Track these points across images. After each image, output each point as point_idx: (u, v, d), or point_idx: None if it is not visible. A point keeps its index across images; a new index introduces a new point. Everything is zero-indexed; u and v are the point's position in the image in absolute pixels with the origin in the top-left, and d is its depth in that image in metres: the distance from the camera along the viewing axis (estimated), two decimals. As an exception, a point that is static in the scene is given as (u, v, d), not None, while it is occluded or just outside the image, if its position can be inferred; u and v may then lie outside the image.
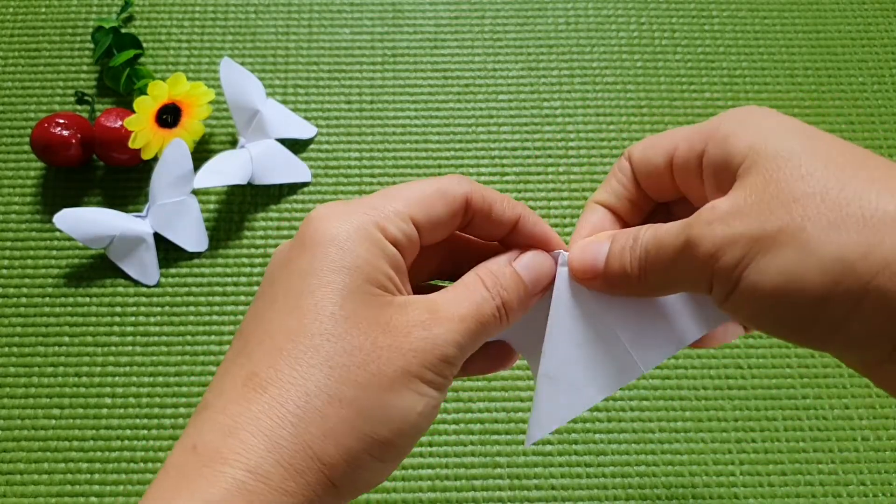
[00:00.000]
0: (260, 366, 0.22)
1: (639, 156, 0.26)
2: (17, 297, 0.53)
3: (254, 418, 0.21)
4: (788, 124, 0.22)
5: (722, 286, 0.21)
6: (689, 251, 0.21)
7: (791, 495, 0.48)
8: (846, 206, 0.19)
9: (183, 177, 0.53)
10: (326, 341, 0.22)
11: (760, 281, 0.20)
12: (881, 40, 0.62)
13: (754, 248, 0.20)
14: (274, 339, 0.22)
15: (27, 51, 0.61)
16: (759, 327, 0.21)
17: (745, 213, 0.20)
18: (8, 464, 0.49)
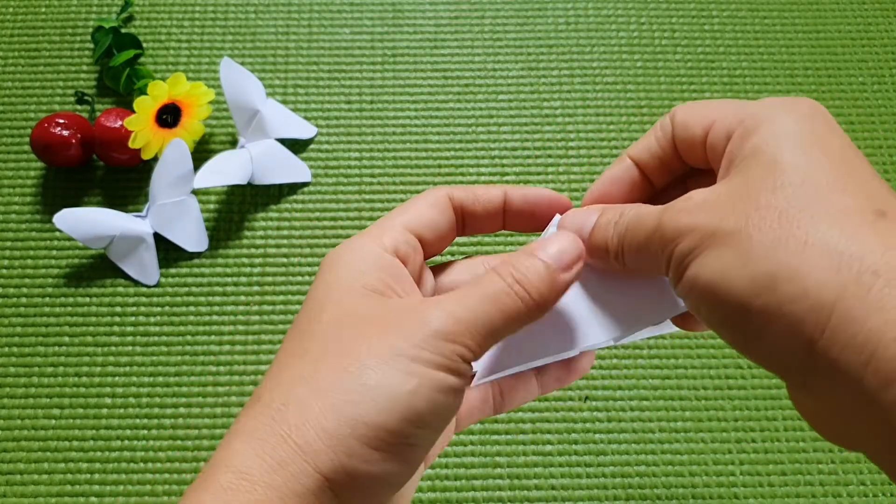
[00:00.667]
0: (262, 388, 0.23)
1: (680, 118, 0.26)
2: (17, 297, 0.53)
3: (242, 425, 0.22)
4: (807, 130, 0.22)
5: (673, 272, 0.22)
6: (658, 233, 0.22)
7: (791, 495, 0.48)
8: (797, 227, 0.19)
9: (183, 177, 0.53)
10: (314, 344, 0.22)
11: (699, 274, 0.20)
12: (881, 40, 0.62)
13: (705, 242, 0.20)
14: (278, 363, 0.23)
15: (27, 51, 0.61)
16: (700, 318, 0.22)
17: (711, 207, 0.21)
18: (8, 464, 0.49)
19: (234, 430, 0.22)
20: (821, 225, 0.19)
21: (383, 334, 0.22)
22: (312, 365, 0.22)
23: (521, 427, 0.50)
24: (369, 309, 0.23)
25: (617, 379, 0.51)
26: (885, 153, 0.58)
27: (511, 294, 0.23)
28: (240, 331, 0.52)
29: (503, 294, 0.23)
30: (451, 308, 0.22)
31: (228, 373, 0.51)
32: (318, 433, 0.21)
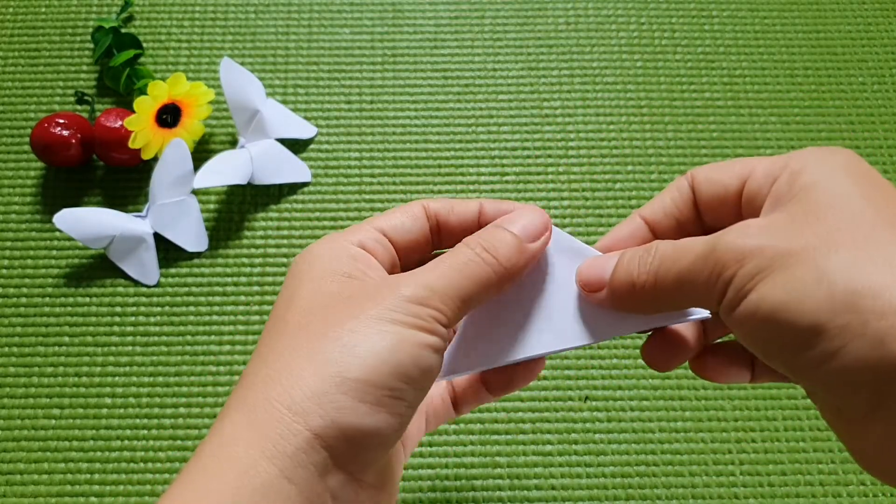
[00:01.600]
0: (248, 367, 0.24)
1: (705, 177, 0.26)
2: (16, 297, 0.53)
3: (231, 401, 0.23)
4: (858, 169, 0.22)
5: (732, 297, 0.21)
6: (713, 257, 0.21)
7: (791, 495, 0.48)
8: (874, 246, 0.19)
9: (183, 177, 0.53)
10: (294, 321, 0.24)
11: (767, 296, 0.20)
12: (881, 40, 0.62)
13: (774, 263, 0.20)
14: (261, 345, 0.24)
15: (27, 51, 0.61)
16: (754, 346, 0.21)
17: (776, 230, 0.21)
18: (8, 464, 0.49)
19: (225, 407, 0.23)
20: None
21: (360, 305, 0.23)
22: (294, 338, 0.23)
23: (521, 427, 0.50)
24: (344, 288, 0.24)
25: (617, 379, 0.51)
26: (885, 153, 0.58)
27: (480, 262, 0.24)
28: (240, 331, 0.52)
29: (472, 263, 0.24)
30: (421, 278, 0.23)
31: (228, 373, 0.51)
32: (306, 393, 0.21)
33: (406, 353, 0.22)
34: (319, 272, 0.24)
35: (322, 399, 0.21)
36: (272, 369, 0.22)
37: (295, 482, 0.20)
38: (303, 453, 0.21)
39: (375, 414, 0.21)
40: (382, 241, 0.26)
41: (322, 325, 0.23)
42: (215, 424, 0.22)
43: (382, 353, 0.22)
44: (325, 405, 0.21)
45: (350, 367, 0.21)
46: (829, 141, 0.58)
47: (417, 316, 0.23)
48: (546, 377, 0.51)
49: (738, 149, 0.58)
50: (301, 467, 0.21)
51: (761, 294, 0.20)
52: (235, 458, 0.20)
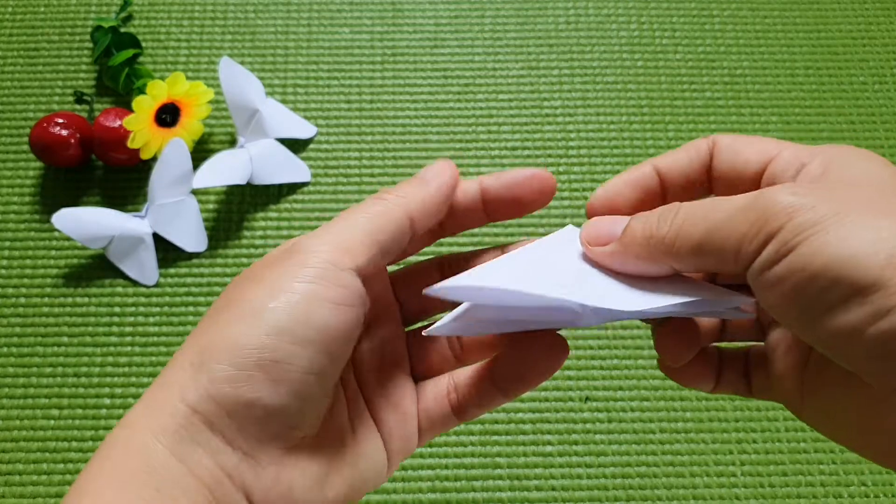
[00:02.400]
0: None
1: (728, 146, 0.25)
2: (15, 298, 0.53)
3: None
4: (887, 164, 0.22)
5: (776, 250, 0.20)
6: (757, 208, 0.20)
7: (792, 496, 0.48)
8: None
9: (182, 177, 0.53)
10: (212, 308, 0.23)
11: (822, 249, 0.19)
12: (882, 40, 0.62)
13: (827, 219, 0.19)
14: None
15: (26, 50, 0.60)
16: (791, 305, 0.20)
17: (823, 193, 0.20)
18: (7, 464, 0.48)
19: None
20: None
21: (266, 278, 0.22)
22: (203, 318, 0.22)
23: (521, 428, 0.50)
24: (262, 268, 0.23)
25: (618, 379, 0.51)
26: (885, 153, 0.58)
27: (390, 201, 0.24)
28: (239, 331, 0.52)
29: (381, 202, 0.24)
30: (319, 232, 0.22)
31: (228, 373, 0.51)
32: (184, 368, 0.20)
33: (298, 310, 0.20)
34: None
35: (196, 371, 0.20)
36: (178, 354, 0.22)
37: (184, 461, 0.19)
38: (185, 430, 0.20)
39: (252, 382, 0.20)
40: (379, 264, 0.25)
41: (227, 298, 0.22)
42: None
43: (268, 313, 0.20)
44: (199, 377, 0.20)
45: (223, 334, 0.20)
46: (829, 141, 0.58)
47: (319, 269, 0.21)
48: (546, 377, 0.51)
49: (739, 148, 0.58)
50: (187, 445, 0.20)
51: (813, 248, 0.19)
52: (128, 441, 0.20)
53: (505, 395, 0.26)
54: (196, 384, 0.20)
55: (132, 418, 0.20)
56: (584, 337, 0.52)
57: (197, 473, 0.20)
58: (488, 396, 0.26)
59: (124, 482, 0.19)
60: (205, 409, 0.20)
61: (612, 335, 0.52)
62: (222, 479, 0.20)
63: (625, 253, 0.24)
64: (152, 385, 0.21)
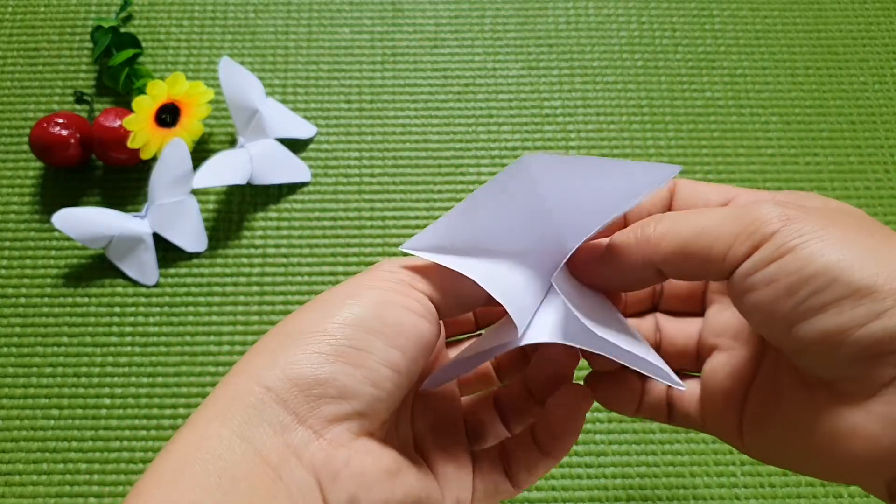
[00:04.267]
0: None
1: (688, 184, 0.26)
2: (15, 298, 0.53)
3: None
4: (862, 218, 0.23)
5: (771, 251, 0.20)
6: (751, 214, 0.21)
7: (792, 496, 0.48)
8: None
9: (182, 177, 0.53)
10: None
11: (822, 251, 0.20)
12: (882, 39, 0.62)
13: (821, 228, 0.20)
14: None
15: (26, 50, 0.60)
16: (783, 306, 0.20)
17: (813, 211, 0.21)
18: (7, 464, 0.48)
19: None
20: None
21: (337, 287, 0.23)
22: (281, 324, 0.23)
23: (521, 428, 0.50)
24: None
25: (617, 379, 0.51)
26: (885, 153, 0.58)
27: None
28: (239, 331, 0.52)
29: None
30: (403, 259, 0.24)
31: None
32: (262, 357, 0.21)
33: (373, 307, 0.22)
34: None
35: (280, 357, 0.21)
36: (246, 356, 0.22)
37: (249, 440, 0.20)
38: (254, 409, 0.20)
39: (331, 363, 0.21)
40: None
41: (300, 309, 0.23)
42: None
43: (345, 308, 0.22)
44: (281, 361, 0.21)
45: (311, 325, 0.21)
46: (830, 140, 0.58)
47: (393, 280, 0.23)
48: (546, 378, 0.51)
49: (739, 148, 0.58)
50: (254, 425, 0.20)
51: (810, 252, 0.20)
52: (194, 427, 0.20)
53: (547, 456, 0.27)
54: (273, 366, 0.21)
55: (199, 412, 0.21)
56: (584, 337, 0.52)
57: (262, 453, 0.20)
58: (534, 459, 0.27)
59: (183, 472, 0.19)
60: (280, 388, 0.20)
61: (612, 335, 0.52)
62: (289, 457, 0.20)
63: (612, 256, 0.24)
64: (221, 383, 0.22)
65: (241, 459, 0.19)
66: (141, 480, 0.20)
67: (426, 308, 0.23)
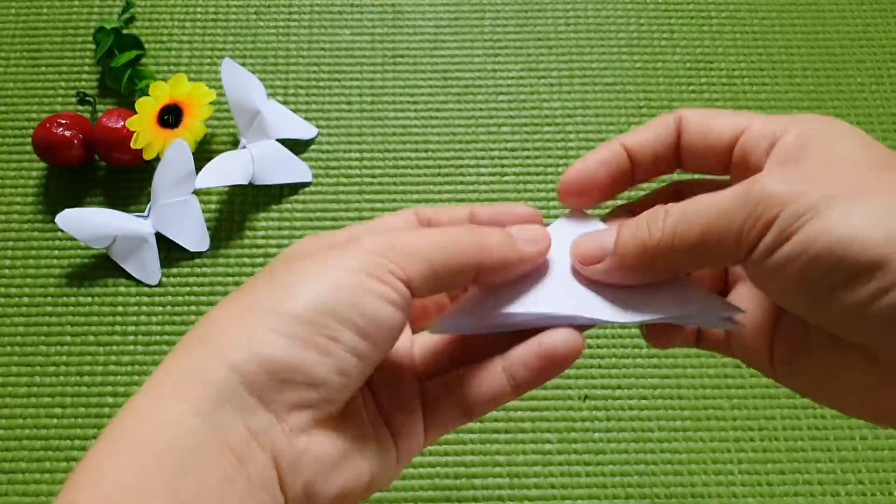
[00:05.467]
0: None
1: (698, 121, 0.25)
2: (19, 297, 0.53)
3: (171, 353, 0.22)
4: (872, 143, 0.23)
5: (775, 236, 0.20)
6: (751, 199, 0.21)
7: (790, 494, 0.48)
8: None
9: (184, 177, 0.54)
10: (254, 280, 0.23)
11: (823, 232, 0.19)
12: (880, 41, 0.62)
13: (823, 203, 0.20)
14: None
15: (29, 51, 0.61)
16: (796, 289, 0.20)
17: (813, 177, 0.21)
18: (10, 462, 0.49)
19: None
20: None
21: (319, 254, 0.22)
22: (241, 291, 0.22)
23: (520, 426, 0.50)
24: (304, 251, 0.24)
25: (616, 378, 0.51)
26: (883, 154, 0.59)
27: (465, 240, 0.23)
28: (241, 330, 0.53)
29: (452, 235, 0.23)
30: (390, 235, 0.23)
31: (229, 372, 0.51)
32: (228, 331, 0.21)
33: (346, 294, 0.21)
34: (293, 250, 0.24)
35: (249, 335, 0.20)
36: (210, 321, 0.22)
37: (211, 422, 0.19)
38: (217, 390, 0.19)
39: (302, 350, 0.20)
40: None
41: (272, 272, 0.22)
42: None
43: (319, 291, 0.21)
44: (250, 340, 0.20)
45: (277, 302, 0.21)
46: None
47: (371, 264, 0.22)
48: (545, 376, 0.51)
49: (737, 149, 0.58)
50: (215, 404, 0.19)
51: (813, 232, 0.19)
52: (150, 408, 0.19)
53: (514, 389, 0.25)
54: (240, 345, 0.20)
55: (156, 381, 0.20)
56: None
57: (223, 438, 0.19)
58: (498, 390, 0.25)
59: (141, 450, 0.19)
60: (247, 369, 0.20)
61: (611, 334, 0.52)
62: (250, 441, 0.20)
63: (621, 268, 0.24)
64: (179, 350, 0.21)
65: (202, 441, 0.19)
66: (95, 448, 0.19)
67: (402, 297, 0.22)
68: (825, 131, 0.23)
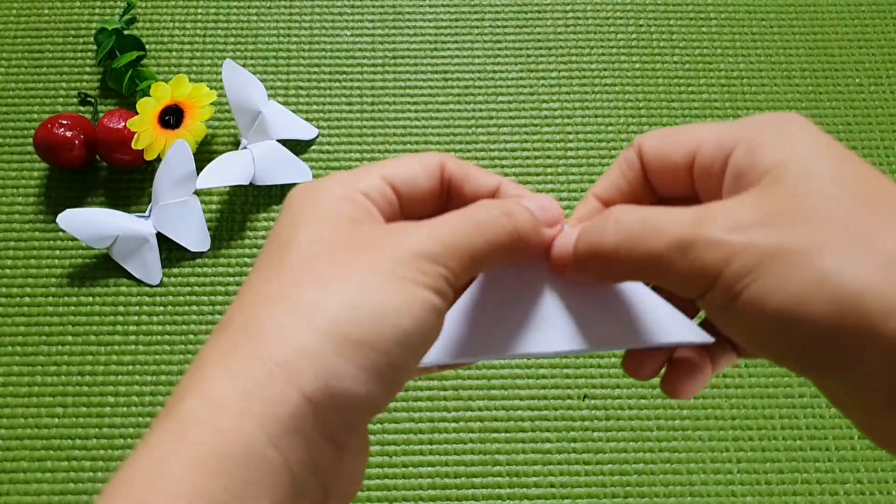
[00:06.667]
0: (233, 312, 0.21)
1: (653, 149, 0.24)
2: (20, 297, 0.53)
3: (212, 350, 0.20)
4: (823, 142, 0.21)
5: (723, 295, 0.20)
6: (692, 251, 0.20)
7: (788, 493, 0.49)
8: (870, 240, 0.19)
9: (185, 177, 0.54)
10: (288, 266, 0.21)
11: (767, 298, 0.19)
12: (878, 42, 0.63)
13: (767, 261, 0.19)
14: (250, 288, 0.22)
15: (30, 52, 0.61)
16: (758, 348, 0.20)
17: (763, 224, 0.19)
18: (11, 462, 0.49)
19: (204, 356, 0.20)
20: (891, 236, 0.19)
21: (361, 255, 0.21)
22: (289, 286, 0.20)
23: (520, 425, 0.50)
24: (343, 232, 0.21)
25: (615, 378, 0.51)
26: (881, 154, 0.59)
27: (495, 222, 0.22)
28: (241, 330, 0.53)
29: (489, 222, 0.22)
30: (432, 229, 0.21)
31: (230, 372, 0.52)
32: (300, 353, 0.19)
33: (412, 316, 0.20)
34: (322, 215, 0.22)
35: (319, 361, 0.19)
36: (262, 320, 0.20)
37: (281, 450, 0.19)
38: (292, 419, 0.19)
39: (372, 383, 0.19)
40: (388, 195, 0.23)
41: (322, 274, 0.20)
42: (191, 381, 0.20)
43: (389, 315, 0.20)
44: (321, 367, 0.19)
45: (352, 329, 0.19)
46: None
47: (426, 273, 0.20)
48: (545, 376, 0.51)
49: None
50: (289, 434, 0.19)
51: (758, 296, 0.19)
52: (218, 420, 0.18)
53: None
54: (316, 373, 0.19)
55: (219, 394, 0.19)
56: (582, 336, 0.53)
57: (289, 464, 0.19)
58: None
59: (209, 463, 0.18)
60: (319, 401, 0.19)
61: (611, 334, 0.53)
62: (310, 468, 0.19)
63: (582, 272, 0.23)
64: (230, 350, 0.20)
65: (269, 466, 0.18)
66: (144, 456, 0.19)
67: (448, 299, 0.21)
68: (770, 137, 0.21)
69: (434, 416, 0.50)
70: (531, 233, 0.23)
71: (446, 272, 0.21)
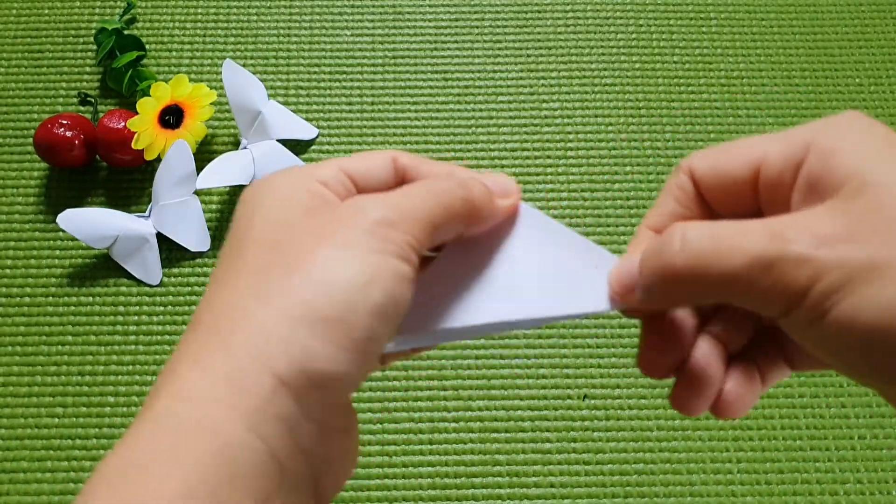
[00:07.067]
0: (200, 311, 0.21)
1: (709, 169, 0.23)
2: (20, 297, 0.53)
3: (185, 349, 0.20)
4: (883, 137, 0.21)
5: (809, 313, 0.19)
6: (780, 267, 0.19)
7: (788, 493, 0.49)
8: None
9: (185, 177, 0.54)
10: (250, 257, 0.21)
11: (858, 314, 0.18)
12: (878, 42, 0.63)
13: (856, 277, 0.18)
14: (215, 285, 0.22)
15: (30, 52, 0.61)
16: (845, 365, 0.20)
17: (850, 238, 0.19)
18: (11, 462, 0.49)
19: (176, 356, 0.20)
20: None
21: (324, 233, 0.20)
22: (255, 275, 0.20)
23: (520, 425, 0.50)
24: (302, 216, 0.21)
25: (615, 378, 0.51)
26: (881, 154, 0.59)
27: (452, 192, 0.22)
28: (241, 330, 0.53)
29: (445, 190, 0.22)
30: (390, 199, 0.21)
31: (230, 372, 0.52)
32: (273, 339, 0.19)
33: (384, 287, 0.20)
34: (279, 201, 0.22)
35: (291, 343, 0.19)
36: (231, 314, 0.20)
37: (264, 438, 0.18)
38: (271, 405, 0.19)
39: (348, 359, 0.19)
40: (346, 183, 0.23)
41: (286, 259, 0.20)
42: (164, 380, 0.19)
43: (357, 287, 0.19)
44: (295, 350, 0.19)
45: (323, 306, 0.19)
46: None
47: (392, 241, 0.20)
48: (545, 375, 0.51)
49: (736, 150, 0.59)
50: (270, 421, 0.19)
51: (849, 312, 0.18)
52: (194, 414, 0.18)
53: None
54: (289, 356, 0.19)
55: (192, 387, 0.19)
56: (582, 335, 0.53)
57: (275, 451, 0.19)
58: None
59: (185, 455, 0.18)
60: (295, 383, 0.19)
61: (611, 334, 0.53)
62: (297, 455, 0.19)
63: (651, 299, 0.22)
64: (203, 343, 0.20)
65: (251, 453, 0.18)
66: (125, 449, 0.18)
67: (415, 266, 0.21)
68: (842, 142, 0.20)
69: (434, 416, 0.50)
70: (484, 200, 0.23)
71: (411, 238, 0.21)
